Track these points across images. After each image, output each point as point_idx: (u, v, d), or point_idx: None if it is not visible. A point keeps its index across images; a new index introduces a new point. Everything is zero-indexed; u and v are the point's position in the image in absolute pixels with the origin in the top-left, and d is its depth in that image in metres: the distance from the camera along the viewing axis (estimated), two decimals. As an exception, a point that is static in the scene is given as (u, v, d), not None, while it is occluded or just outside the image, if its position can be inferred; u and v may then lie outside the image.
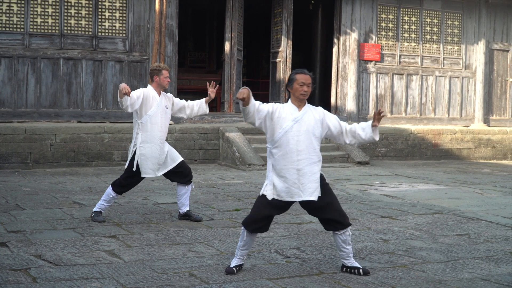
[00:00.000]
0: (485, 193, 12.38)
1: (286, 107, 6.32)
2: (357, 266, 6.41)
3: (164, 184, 12.40)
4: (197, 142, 16.15)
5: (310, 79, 6.30)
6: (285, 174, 6.24)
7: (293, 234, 8.17)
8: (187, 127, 16.23)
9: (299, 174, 6.24)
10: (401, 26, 20.39)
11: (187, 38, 25.01)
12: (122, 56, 16.89)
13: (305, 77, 6.27)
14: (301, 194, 6.25)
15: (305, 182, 6.24)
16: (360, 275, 6.32)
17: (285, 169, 6.24)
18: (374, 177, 14.41)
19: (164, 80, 8.67)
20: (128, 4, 16.91)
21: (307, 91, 6.26)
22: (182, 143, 15.92)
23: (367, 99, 20.01)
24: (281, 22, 19.48)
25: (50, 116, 16.18)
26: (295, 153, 6.23)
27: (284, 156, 6.25)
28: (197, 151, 16.15)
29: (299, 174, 6.24)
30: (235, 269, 6.32)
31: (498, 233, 8.58)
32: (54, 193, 10.96)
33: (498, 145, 20.44)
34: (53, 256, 6.72)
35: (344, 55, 19.78)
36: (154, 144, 8.64)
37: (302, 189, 6.25)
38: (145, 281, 5.94)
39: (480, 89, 21.36)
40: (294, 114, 6.27)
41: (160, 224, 8.58)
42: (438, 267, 6.67)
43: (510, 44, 21.98)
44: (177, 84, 17.87)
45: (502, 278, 6.39)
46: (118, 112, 16.80)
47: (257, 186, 12.32)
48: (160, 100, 8.68)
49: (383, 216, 9.57)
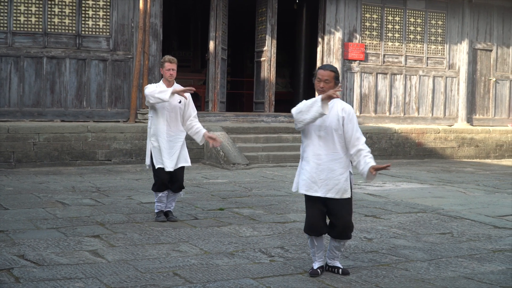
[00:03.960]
0: (468, 192, 12.43)
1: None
2: (338, 266, 6.43)
3: (148, 183, 12.37)
4: (181, 141, 16.09)
5: (327, 74, 6.22)
6: (305, 166, 6.29)
7: (277, 233, 8.18)
8: (171, 126, 16.17)
9: (318, 169, 6.23)
10: (385, 25, 20.45)
11: (172, 37, 24.94)
12: (106, 55, 16.83)
13: (322, 72, 6.24)
14: (317, 189, 6.25)
15: (323, 178, 6.23)
16: (340, 274, 6.34)
17: (305, 161, 6.29)
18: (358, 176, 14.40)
19: (166, 73, 8.82)
20: (112, 3, 16.85)
21: (323, 87, 6.20)
22: (166, 142, 15.86)
23: (351, 98, 20.04)
24: (266, 22, 19.47)
25: (33, 115, 16.09)
26: (316, 147, 6.24)
27: (306, 148, 6.30)
28: (181, 150, 16.09)
29: (318, 169, 6.23)
30: (319, 270, 6.33)
31: (481, 231, 8.63)
32: (38, 193, 10.90)
33: (481, 144, 20.54)
34: (36, 256, 6.69)
35: (328, 55, 19.80)
36: (161, 137, 8.85)
37: (320, 184, 6.24)
38: (129, 281, 5.92)
39: (464, 88, 21.45)
40: None
41: (144, 224, 8.56)
42: (421, 266, 6.70)
43: (493, 43, 22.09)
44: (161, 83, 17.79)
45: (485, 276, 6.42)
46: (101, 111, 16.75)
47: (241, 185, 12.32)
48: None
49: (367, 215, 9.59)
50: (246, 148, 16.26)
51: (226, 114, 18.29)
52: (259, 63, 19.98)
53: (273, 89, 19.48)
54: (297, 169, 6.51)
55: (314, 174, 6.24)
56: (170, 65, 8.80)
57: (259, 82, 19.93)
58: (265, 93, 19.43)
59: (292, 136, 17.48)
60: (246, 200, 10.70)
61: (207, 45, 18.89)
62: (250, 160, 15.76)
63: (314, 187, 6.24)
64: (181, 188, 9.02)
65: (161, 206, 8.92)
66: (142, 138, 15.62)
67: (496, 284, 6.15)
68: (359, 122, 20.21)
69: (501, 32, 22.22)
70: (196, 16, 25.30)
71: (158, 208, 8.92)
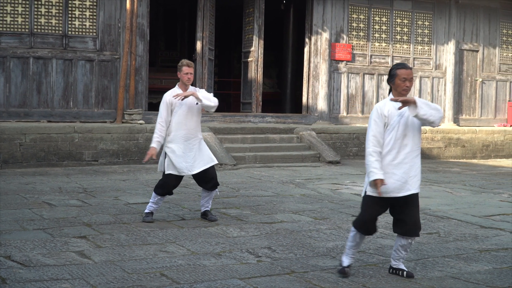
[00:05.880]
0: (455, 192, 12.48)
1: (387, 104, 6.27)
2: (402, 268, 6.42)
3: (135, 184, 12.36)
4: (168, 142, 16.05)
5: (411, 73, 6.23)
6: (392, 170, 6.18)
7: (265, 234, 8.18)
8: (158, 126, 16.12)
9: (402, 168, 6.18)
10: (372, 26, 20.50)
11: (159, 37, 24.91)
12: (92, 55, 16.79)
13: (407, 72, 6.21)
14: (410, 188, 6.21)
15: (412, 175, 6.21)
16: (404, 277, 6.33)
17: (391, 165, 6.19)
18: (345, 176, 14.47)
19: (184, 77, 8.81)
20: (99, 3, 16.81)
21: (409, 86, 6.20)
22: (154, 142, 15.82)
23: (338, 98, 20.08)
24: (253, 22, 19.48)
25: (19, 116, 16.04)
26: (401, 147, 6.20)
27: (390, 151, 6.20)
28: (169, 150, 16.05)
29: (406, 168, 6.19)
30: (348, 269, 6.33)
31: (467, 231, 8.66)
32: (24, 194, 10.86)
33: (467, 145, 20.61)
34: (22, 257, 6.66)
35: (315, 55, 19.82)
36: (179, 144, 8.75)
37: (410, 182, 6.20)
38: (116, 282, 5.91)
39: (450, 89, 21.53)
40: (398, 110, 6.22)
41: (131, 224, 8.55)
42: (408, 266, 6.71)
43: (480, 44, 22.19)
44: (148, 84, 17.80)
45: (472, 276, 6.44)
46: (88, 111, 16.71)
47: (228, 185, 12.31)
48: (186, 99, 8.76)
49: (353, 215, 9.59)
50: (233, 149, 16.25)
51: (213, 115, 18.27)
52: (246, 63, 19.98)
53: (260, 89, 19.49)
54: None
55: (404, 175, 6.19)
56: (188, 69, 8.81)
57: (246, 82, 19.93)
58: (252, 94, 19.43)
59: (279, 136, 17.49)
60: (233, 201, 10.69)
61: (194, 46, 18.88)
62: (237, 161, 15.76)
63: (406, 186, 6.21)
64: (216, 185, 8.98)
65: (153, 208, 8.88)
66: (129, 139, 15.59)
67: (483, 284, 6.18)
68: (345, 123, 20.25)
69: (488, 33, 22.32)
70: (183, 16, 25.29)
71: (150, 209, 8.86)
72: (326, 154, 16.98)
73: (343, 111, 20.12)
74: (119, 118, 16.62)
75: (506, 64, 22.84)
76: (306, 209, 10.00)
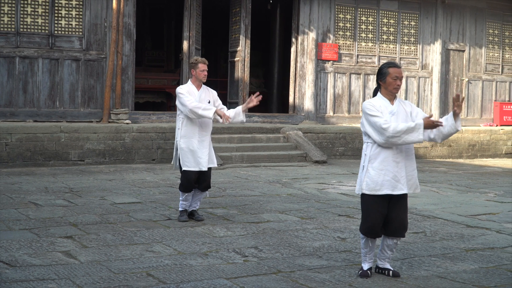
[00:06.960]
0: (441, 191, 12.52)
1: (378, 101, 6.28)
2: (388, 268, 6.45)
3: (122, 184, 12.33)
4: (155, 142, 16.05)
5: (402, 72, 6.27)
6: (386, 167, 6.21)
7: (251, 233, 8.18)
8: (144, 126, 16.12)
9: (397, 167, 6.22)
10: (359, 26, 20.54)
11: (145, 37, 24.87)
12: (78, 54, 16.73)
13: (398, 70, 6.24)
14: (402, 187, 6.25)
15: (404, 175, 6.24)
16: (390, 276, 6.36)
17: (386, 161, 6.22)
18: (332, 176, 14.49)
19: (201, 74, 8.86)
20: (85, 2, 16.75)
21: (400, 84, 6.24)
22: (140, 142, 15.82)
23: (325, 98, 20.11)
24: (240, 22, 19.47)
25: (5, 116, 15.96)
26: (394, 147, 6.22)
27: (383, 149, 6.23)
28: (155, 150, 16.05)
29: (398, 167, 6.22)
30: (369, 272, 6.35)
31: (453, 231, 8.69)
32: (10, 193, 10.81)
33: (453, 144, 20.68)
34: (8, 257, 6.63)
35: (302, 55, 19.84)
36: (192, 138, 8.82)
37: (403, 181, 6.24)
38: (102, 282, 5.89)
39: (437, 88, 21.61)
40: (388, 108, 6.25)
41: (117, 224, 8.53)
42: (394, 265, 6.72)
43: (466, 44, 22.28)
44: (134, 83, 17.76)
45: (458, 275, 6.46)
46: (74, 111, 16.66)
47: (215, 185, 12.29)
48: (199, 95, 8.86)
49: (340, 215, 9.62)
50: (220, 148, 16.23)
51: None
52: (233, 63, 19.98)
53: (247, 89, 19.48)
54: (363, 171, 6.36)
55: (396, 174, 6.21)
56: (204, 66, 8.88)
57: (233, 82, 19.92)
58: (239, 93, 19.42)
59: (266, 136, 17.49)
60: (220, 200, 10.69)
61: (181, 45, 18.85)
62: (224, 160, 15.75)
63: (398, 185, 6.23)
64: (208, 187, 9.08)
65: (185, 205, 8.98)
66: (116, 138, 15.55)
67: (469, 283, 6.20)
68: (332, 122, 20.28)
69: (474, 33, 22.42)
70: (170, 16, 25.26)
71: (183, 206, 8.98)
72: (312, 154, 16.99)
73: (330, 110, 20.15)
74: (106, 118, 16.57)
75: (492, 64, 22.94)
76: (292, 209, 10.00)
